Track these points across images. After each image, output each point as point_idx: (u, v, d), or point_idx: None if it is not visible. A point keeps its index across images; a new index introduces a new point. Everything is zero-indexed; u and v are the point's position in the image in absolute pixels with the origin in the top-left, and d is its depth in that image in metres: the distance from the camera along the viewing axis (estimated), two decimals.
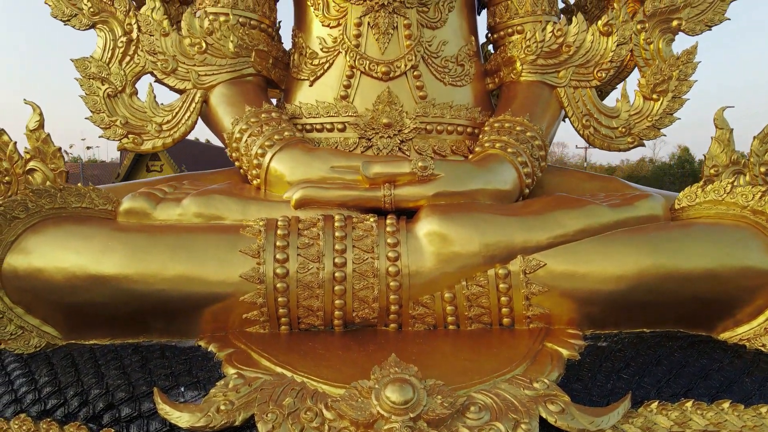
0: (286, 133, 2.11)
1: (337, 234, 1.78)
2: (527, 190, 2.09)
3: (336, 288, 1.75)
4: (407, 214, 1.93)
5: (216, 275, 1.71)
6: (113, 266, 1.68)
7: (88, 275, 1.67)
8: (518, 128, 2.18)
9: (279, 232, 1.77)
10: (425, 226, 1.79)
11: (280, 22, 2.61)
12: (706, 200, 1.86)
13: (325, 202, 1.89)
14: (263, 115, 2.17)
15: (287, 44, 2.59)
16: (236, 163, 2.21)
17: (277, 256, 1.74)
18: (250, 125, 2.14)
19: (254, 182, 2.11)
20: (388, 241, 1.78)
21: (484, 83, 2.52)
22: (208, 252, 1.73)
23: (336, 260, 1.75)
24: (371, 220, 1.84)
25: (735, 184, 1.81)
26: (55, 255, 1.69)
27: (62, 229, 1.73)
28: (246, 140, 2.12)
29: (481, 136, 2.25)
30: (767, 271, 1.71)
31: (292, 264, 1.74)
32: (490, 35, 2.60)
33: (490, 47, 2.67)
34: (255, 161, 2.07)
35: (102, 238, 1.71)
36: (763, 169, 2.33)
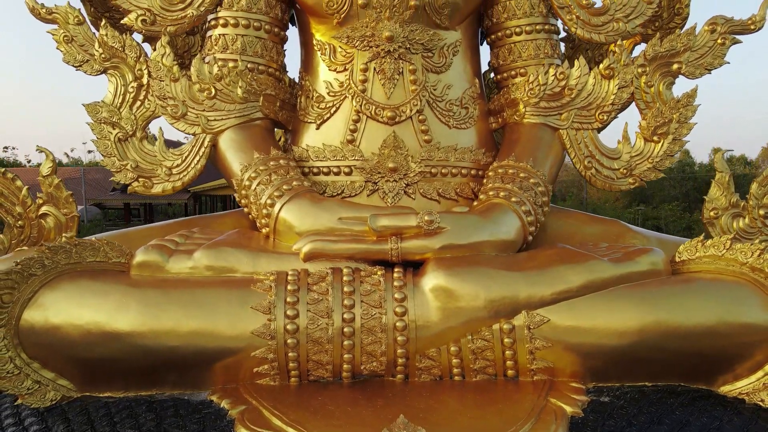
0: (294, 183, 2.15)
1: (345, 289, 1.83)
2: (531, 238, 2.14)
3: (345, 343, 1.79)
4: (414, 262, 1.97)
5: (228, 331, 1.76)
6: (128, 323, 1.72)
7: (103, 332, 1.72)
8: (522, 175, 2.22)
9: (289, 287, 1.82)
10: (431, 281, 1.83)
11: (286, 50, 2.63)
12: (706, 255, 1.90)
13: (333, 255, 1.93)
14: (271, 163, 2.21)
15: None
16: (245, 209, 2.25)
17: (288, 312, 1.78)
18: (259, 173, 2.19)
19: (263, 230, 2.16)
20: (396, 296, 1.82)
21: (487, 122, 2.56)
22: (220, 308, 1.77)
23: (345, 316, 1.80)
24: (379, 273, 1.88)
25: (733, 240, 1.86)
26: (71, 311, 1.73)
27: (78, 285, 1.77)
28: (255, 188, 2.16)
29: (485, 182, 2.29)
30: (766, 328, 1.76)
31: (302, 320, 1.79)
32: (493, 75, 2.65)
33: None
34: (264, 211, 2.11)
35: (117, 294, 1.75)
36: (762, 212, 2.38)
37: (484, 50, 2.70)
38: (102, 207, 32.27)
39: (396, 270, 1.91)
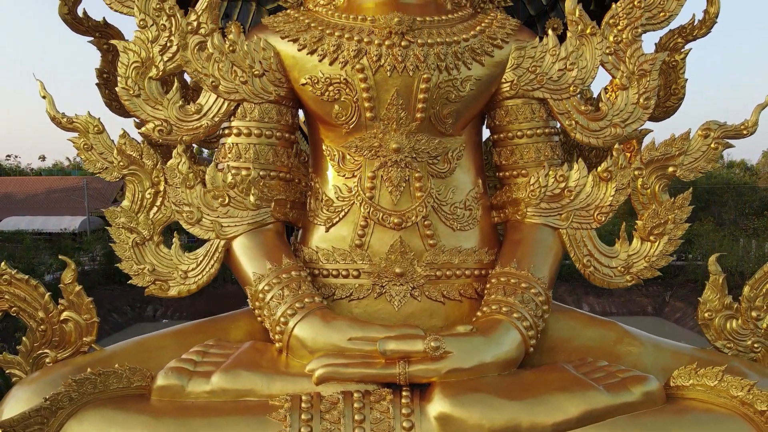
0: (306, 300, 2.25)
1: (356, 417, 1.93)
2: (532, 349, 2.24)
3: None
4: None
5: None
6: None
7: None
8: (523, 285, 2.32)
9: (303, 416, 1.92)
10: (437, 408, 1.94)
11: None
12: (699, 383, 2.00)
13: (344, 379, 2.03)
14: (284, 276, 2.31)
15: None
16: (258, 318, 2.35)
17: None
18: (272, 286, 2.29)
19: (277, 344, 2.25)
20: (404, 424, 1.93)
21: (490, 217, 2.66)
22: None
23: None
24: (388, 399, 1.99)
25: (725, 372, 1.95)
26: None
27: (102, 416, 1.88)
28: (269, 302, 2.27)
29: (487, 289, 2.39)
30: None
31: None
32: (496, 172, 2.74)
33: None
34: (278, 328, 2.22)
35: (139, 428, 1.85)
36: (754, 314, 2.47)
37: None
38: (104, 217, 32.29)
39: (404, 395, 2.01)
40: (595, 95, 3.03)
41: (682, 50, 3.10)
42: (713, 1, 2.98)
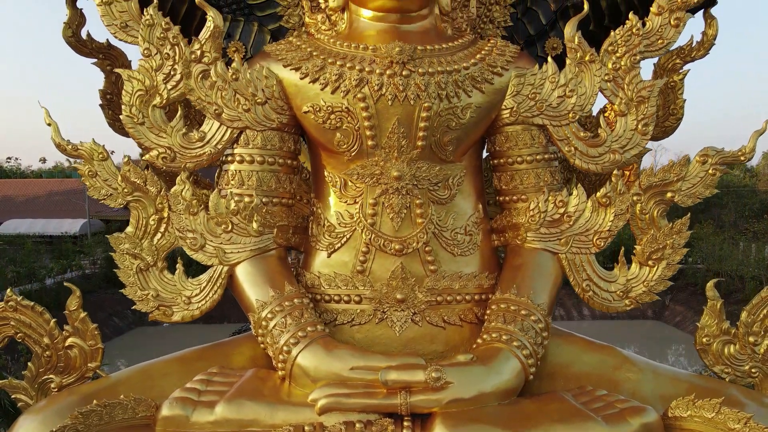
0: (308, 329, 2.28)
1: None
2: (532, 377, 2.26)
3: None
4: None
5: None
6: None
7: None
8: (523, 312, 2.35)
9: None
10: None
11: None
12: (697, 415, 2.03)
13: (346, 409, 2.06)
14: (286, 303, 2.34)
15: None
16: (261, 345, 2.37)
17: None
18: (275, 313, 2.32)
19: (279, 372, 2.28)
20: None
21: (490, 241, 2.69)
22: None
23: None
24: (389, 429, 2.02)
25: (723, 403, 1.98)
26: None
27: None
28: (272, 330, 2.29)
29: (488, 315, 2.42)
30: None
31: None
32: (496, 196, 2.77)
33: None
34: (281, 356, 2.25)
35: None
36: (751, 339, 2.50)
37: None
38: (105, 220, 32.43)
39: (405, 425, 2.04)
40: (594, 113, 3.06)
41: (681, 71, 3.14)
42: (711, 23, 3.02)
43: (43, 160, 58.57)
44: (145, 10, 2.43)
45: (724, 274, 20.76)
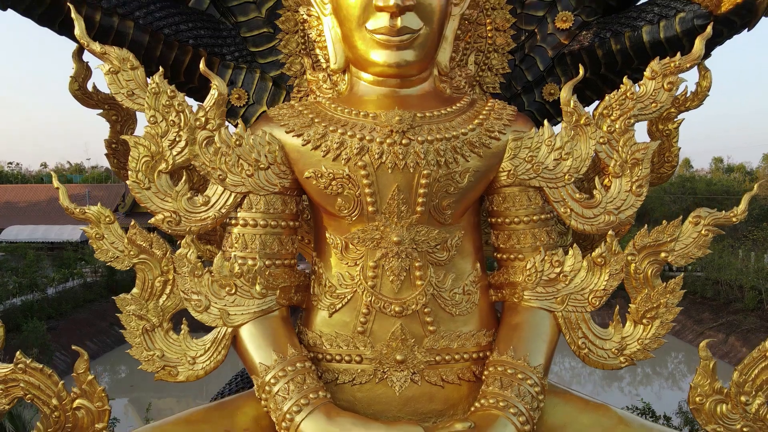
0: (311, 396, 2.34)
1: None
2: None
3: None
4: None
5: None
6: None
7: None
8: (519, 376, 2.41)
9: None
10: None
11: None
12: None
13: None
14: (289, 368, 2.39)
15: None
16: (264, 408, 2.43)
17: None
18: (278, 379, 2.37)
19: None
20: None
21: (488, 297, 2.74)
22: None
23: None
24: None
25: None
26: None
27: None
28: (276, 396, 2.35)
29: (485, 381, 2.47)
30: None
31: None
32: (494, 253, 2.83)
33: None
34: (284, 423, 2.31)
35: None
36: (743, 399, 2.56)
37: None
38: None
39: None
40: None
41: (675, 119, 3.20)
42: (705, 75, 3.09)
43: (44, 165, 58.72)
44: (151, 78, 2.50)
45: (723, 283, 20.78)
